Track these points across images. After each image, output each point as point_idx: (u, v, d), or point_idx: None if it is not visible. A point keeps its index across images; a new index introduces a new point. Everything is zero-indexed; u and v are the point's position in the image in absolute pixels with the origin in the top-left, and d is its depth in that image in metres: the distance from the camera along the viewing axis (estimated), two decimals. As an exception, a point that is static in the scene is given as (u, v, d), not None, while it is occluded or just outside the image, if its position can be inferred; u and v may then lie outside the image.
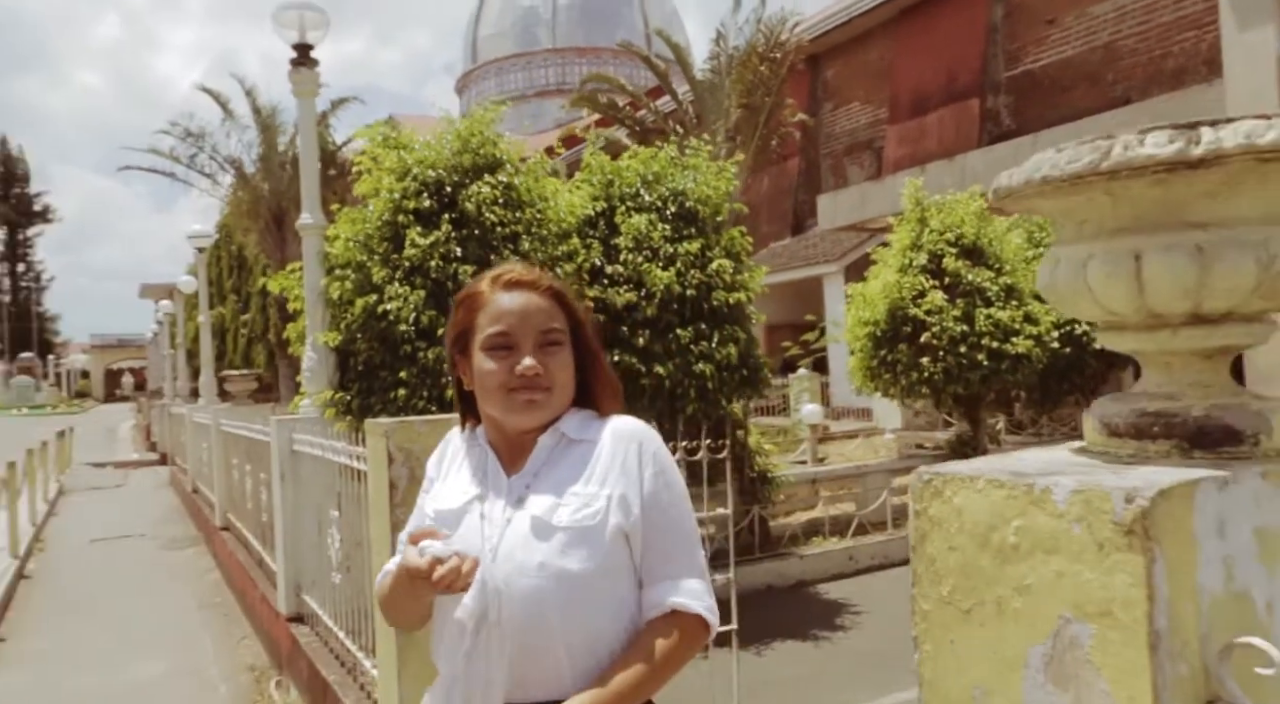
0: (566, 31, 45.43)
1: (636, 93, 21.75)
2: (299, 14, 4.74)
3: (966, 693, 0.86)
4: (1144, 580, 0.71)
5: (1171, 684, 0.72)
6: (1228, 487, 0.76)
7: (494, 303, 1.25)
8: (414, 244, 4.58)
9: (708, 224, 5.64)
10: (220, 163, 22.05)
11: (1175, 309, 0.85)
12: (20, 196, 69.20)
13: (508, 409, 1.22)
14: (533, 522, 1.19)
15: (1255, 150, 0.76)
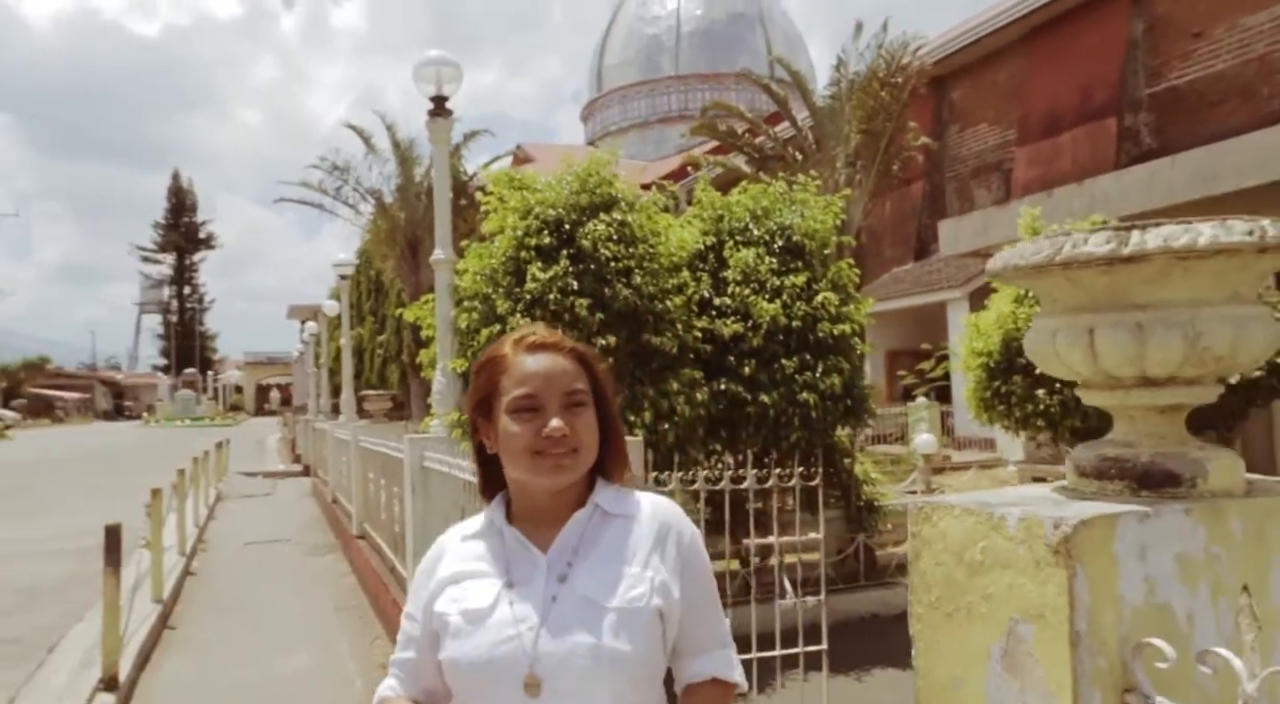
0: (689, 58, 46.03)
1: (755, 120, 21.95)
2: (436, 69, 5.24)
3: (948, 681, 1.07)
4: (1066, 590, 0.90)
5: (1091, 674, 0.91)
6: (1148, 520, 0.95)
7: (518, 365, 1.25)
8: (534, 278, 4.97)
9: (814, 257, 5.81)
10: (362, 194, 23.59)
11: (1125, 373, 1.04)
12: (188, 225, 75.53)
13: (535, 471, 1.21)
14: (584, 601, 1.19)
15: (1172, 251, 0.94)
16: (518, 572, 1.24)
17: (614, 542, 1.24)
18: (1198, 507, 0.98)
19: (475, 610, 1.21)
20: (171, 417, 51.75)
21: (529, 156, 41.17)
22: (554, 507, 1.26)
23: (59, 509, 12.75)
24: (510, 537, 1.26)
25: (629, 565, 1.22)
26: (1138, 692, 0.91)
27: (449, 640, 1.21)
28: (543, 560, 1.23)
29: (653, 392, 4.96)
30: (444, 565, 1.30)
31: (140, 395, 68.66)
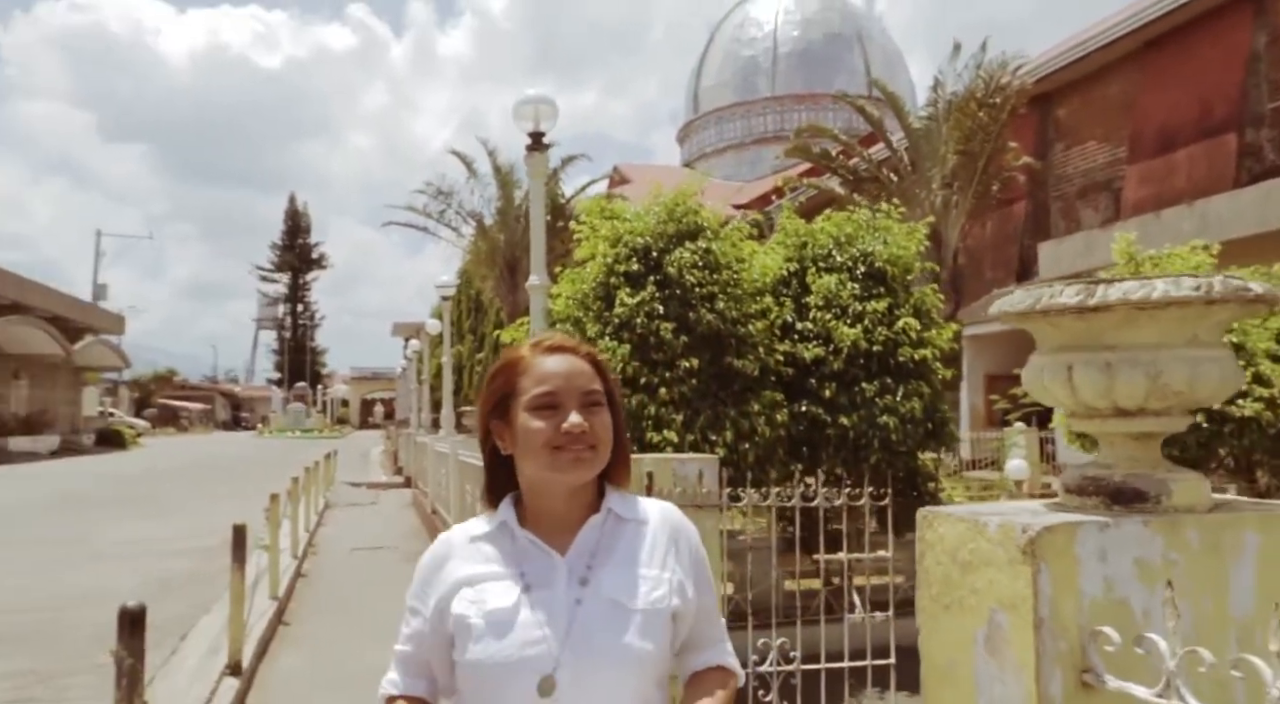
0: (786, 79, 45.97)
1: (849, 142, 21.87)
2: (534, 107, 5.61)
3: (945, 663, 1.26)
4: (1032, 584, 1.09)
5: (1053, 655, 1.09)
6: (1109, 528, 1.12)
7: (537, 366, 1.29)
8: (622, 303, 5.26)
9: (897, 282, 5.92)
10: (464, 216, 24.49)
11: (1099, 405, 1.21)
12: (302, 247, 79.55)
13: (555, 466, 1.24)
14: (609, 603, 1.22)
15: (1130, 303, 1.12)
16: (534, 574, 1.25)
17: (630, 545, 1.27)
18: (1156, 519, 1.15)
19: (498, 612, 1.22)
20: (283, 428, 54.39)
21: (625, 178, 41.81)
22: (566, 510, 1.28)
23: (184, 511, 13.72)
24: (524, 539, 1.28)
25: (647, 567, 1.26)
26: (1092, 671, 1.08)
27: (472, 643, 1.21)
28: (562, 563, 1.25)
29: (734, 412, 5.16)
30: (454, 565, 1.30)
31: (255, 407, 72.40)
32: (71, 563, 9.10)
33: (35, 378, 32.79)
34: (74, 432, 35.00)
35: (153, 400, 59.88)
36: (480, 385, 2.37)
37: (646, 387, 5.09)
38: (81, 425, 36.73)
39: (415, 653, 1.33)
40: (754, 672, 3.46)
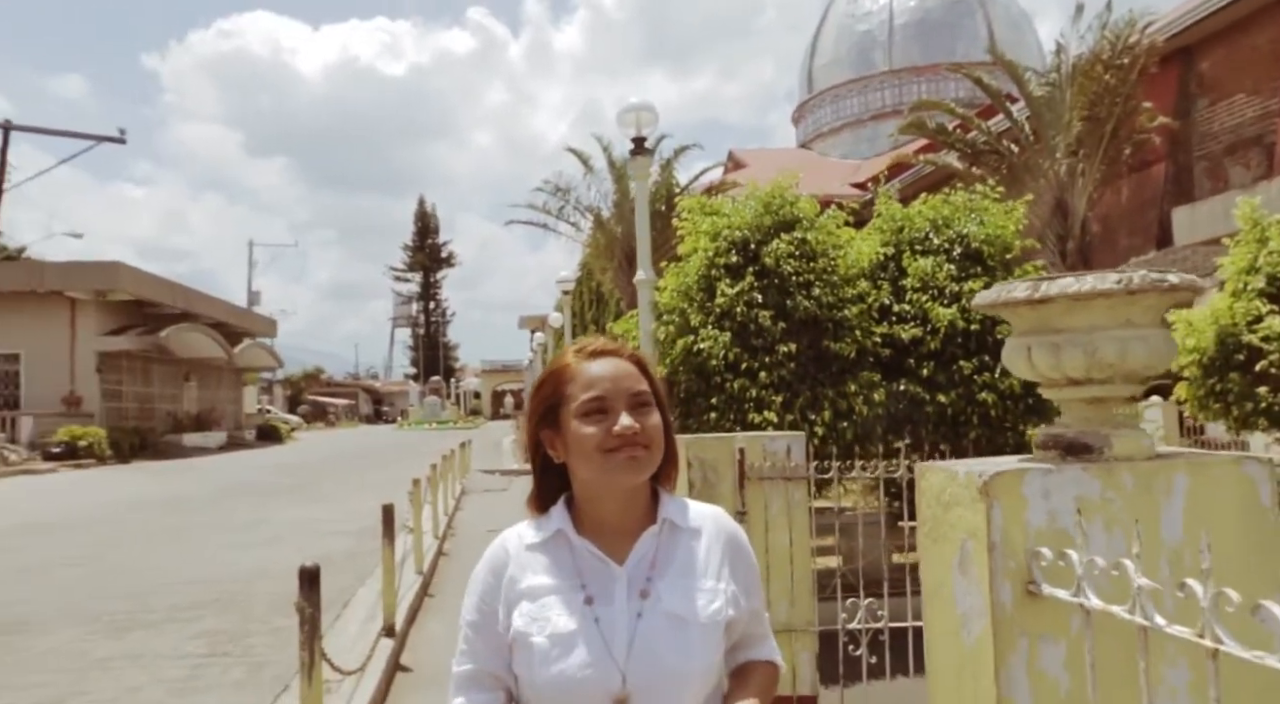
0: (903, 51, 44.69)
1: (965, 115, 21.33)
2: (636, 113, 6.02)
3: (935, 585, 1.58)
4: (986, 517, 1.41)
5: (1003, 571, 1.40)
6: (1051, 473, 1.42)
7: (584, 372, 1.30)
8: (723, 294, 5.61)
9: (995, 262, 6.02)
10: (581, 211, 25.25)
11: (1054, 376, 1.51)
12: (432, 246, 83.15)
13: (609, 469, 1.25)
14: (670, 618, 1.23)
15: (1067, 295, 1.42)
16: (594, 585, 1.25)
17: (688, 556, 1.29)
18: (1094, 466, 1.44)
19: (562, 635, 1.22)
20: (420, 420, 57.24)
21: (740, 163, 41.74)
22: (621, 516, 1.30)
23: (338, 497, 14.95)
24: (581, 548, 1.28)
25: (705, 579, 1.27)
26: (1034, 582, 1.39)
27: (536, 664, 1.22)
28: (621, 573, 1.26)
29: (832, 393, 5.43)
30: (513, 574, 1.30)
31: (395, 401, 76.39)
32: (247, 543, 10.21)
33: (203, 379, 35.90)
34: (237, 428, 38.11)
35: (303, 397, 64.15)
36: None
37: (747, 371, 5.44)
38: (244, 422, 39.92)
39: (481, 670, 1.31)
40: (844, 628, 3.77)
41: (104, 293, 27.56)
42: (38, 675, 5.24)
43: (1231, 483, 1.48)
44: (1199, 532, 1.46)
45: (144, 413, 30.35)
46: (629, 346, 1.38)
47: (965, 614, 1.49)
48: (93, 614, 6.75)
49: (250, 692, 4.91)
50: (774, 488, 3.68)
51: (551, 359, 1.42)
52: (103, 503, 14.93)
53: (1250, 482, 1.48)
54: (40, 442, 24.10)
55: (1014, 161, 20.06)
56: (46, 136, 29.28)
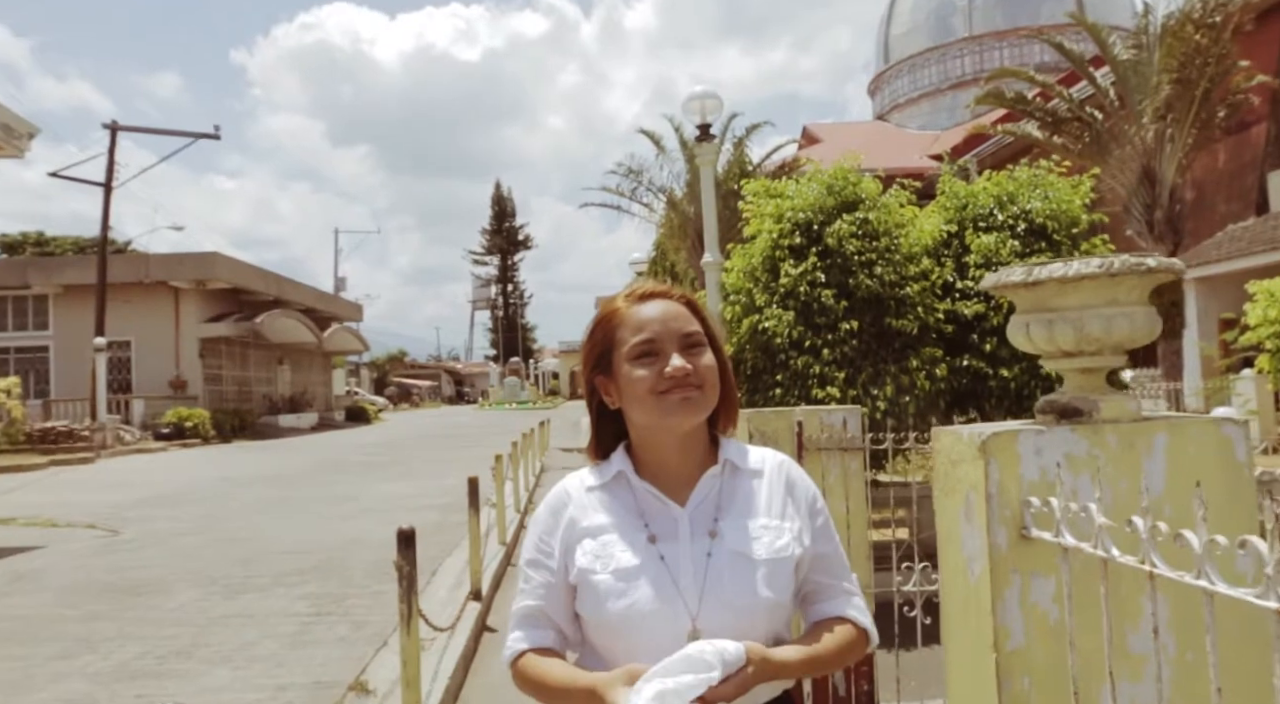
0: (984, 16, 43.27)
1: (1046, 82, 20.74)
2: (701, 102, 6.24)
3: (947, 535, 1.82)
4: (984, 471, 1.63)
5: (999, 518, 1.63)
6: (1043, 434, 1.63)
7: (633, 315, 1.29)
8: (787, 274, 5.81)
9: (1061, 237, 6.05)
10: (654, 192, 25.46)
11: (1050, 350, 1.71)
12: (509, 230, 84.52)
13: (663, 411, 1.24)
14: (737, 556, 1.24)
15: (1055, 279, 1.62)
16: (657, 525, 1.26)
17: (749, 496, 1.30)
18: (1082, 427, 1.65)
19: (627, 569, 1.22)
20: (501, 401, 58.57)
21: (815, 138, 41.22)
22: (680, 460, 1.30)
23: (425, 474, 15.65)
24: (641, 489, 1.29)
25: (768, 517, 1.28)
26: (1026, 527, 1.61)
27: (604, 599, 1.22)
28: (683, 514, 1.27)
29: (894, 368, 5.59)
30: (573, 514, 1.31)
31: (475, 382, 78.20)
32: (342, 516, 10.87)
33: (295, 363, 37.53)
34: (328, 409, 39.74)
35: (389, 379, 66.27)
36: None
37: (810, 348, 5.63)
38: (333, 403, 41.59)
39: (539, 607, 1.31)
40: (899, 590, 3.99)
41: (203, 282, 29.08)
42: (169, 629, 5.83)
43: (1210, 442, 1.67)
44: (1178, 484, 1.67)
45: (242, 395, 31.97)
46: (679, 288, 1.35)
47: (970, 556, 1.72)
48: (210, 577, 7.39)
49: (353, 646, 5.39)
50: (831, 458, 3.90)
51: (602, 304, 1.38)
52: (210, 479, 15.96)
53: (1228, 440, 1.67)
54: (151, 423, 25.69)
55: (1098, 129, 19.44)
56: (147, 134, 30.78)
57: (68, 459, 19.64)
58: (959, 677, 1.84)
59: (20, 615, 6.34)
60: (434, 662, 4.85)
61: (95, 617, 6.22)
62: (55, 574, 7.77)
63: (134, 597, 6.79)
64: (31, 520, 11.02)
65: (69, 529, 10.40)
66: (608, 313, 1.34)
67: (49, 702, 4.49)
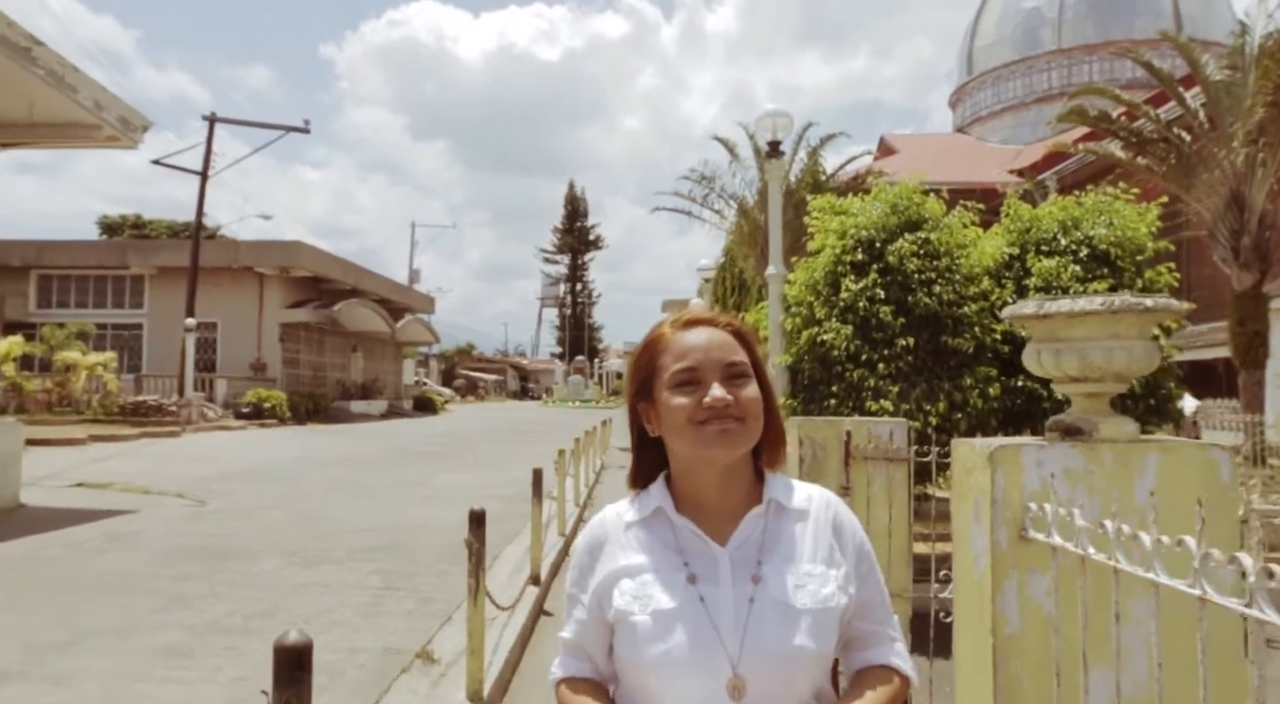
0: (1074, 28, 42.19)
1: (1131, 101, 20.34)
2: (772, 119, 6.48)
3: (959, 532, 2.05)
4: (990, 479, 1.87)
5: (1002, 519, 1.86)
6: (1044, 449, 1.86)
7: (676, 342, 1.26)
8: (847, 289, 6.01)
9: (1125, 264, 6.12)
10: (725, 199, 25.66)
11: (1058, 375, 1.94)
12: (581, 230, 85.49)
13: (701, 442, 1.21)
14: (781, 604, 1.19)
15: (1063, 313, 1.85)
16: (697, 565, 1.22)
17: (795, 539, 1.24)
18: (1081, 444, 1.87)
19: (665, 611, 1.18)
20: (564, 398, 59.35)
21: (892, 149, 40.75)
22: (721, 495, 1.26)
23: (489, 465, 16.15)
24: (681, 526, 1.25)
25: (814, 563, 1.22)
26: (1025, 528, 1.85)
27: (641, 643, 1.19)
28: (723, 555, 1.22)
29: (948, 385, 5.75)
30: (611, 552, 1.28)
31: (540, 379, 79.31)
32: (410, 501, 11.37)
33: (369, 351, 38.73)
34: (397, 397, 40.90)
35: (457, 372, 67.70)
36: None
37: (866, 362, 5.83)
38: (402, 392, 42.76)
39: (578, 641, 1.30)
40: (936, 596, 4.19)
41: (287, 269, 30.29)
42: (253, 592, 6.31)
43: (1197, 463, 1.88)
44: (1167, 498, 1.88)
45: (316, 380, 33.17)
46: (728, 317, 1.33)
47: (977, 553, 1.96)
48: (290, 549, 7.90)
49: (419, 620, 5.77)
50: (876, 467, 4.12)
51: (649, 330, 1.35)
52: (287, 458, 16.74)
53: (1213, 463, 1.88)
54: (232, 401, 26.89)
55: (1185, 151, 19.01)
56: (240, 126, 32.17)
57: (156, 432, 20.75)
58: (964, 659, 2.09)
59: (120, 572, 6.91)
60: (495, 636, 5.20)
61: (187, 577, 6.76)
62: (150, 537, 8.39)
63: (221, 561, 7.33)
64: (126, 487, 11.80)
65: (160, 497, 11.12)
66: (652, 338, 1.31)
67: (151, 647, 4.97)
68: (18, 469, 10.05)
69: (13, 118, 9.97)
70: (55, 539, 8.22)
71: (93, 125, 10.36)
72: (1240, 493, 1.86)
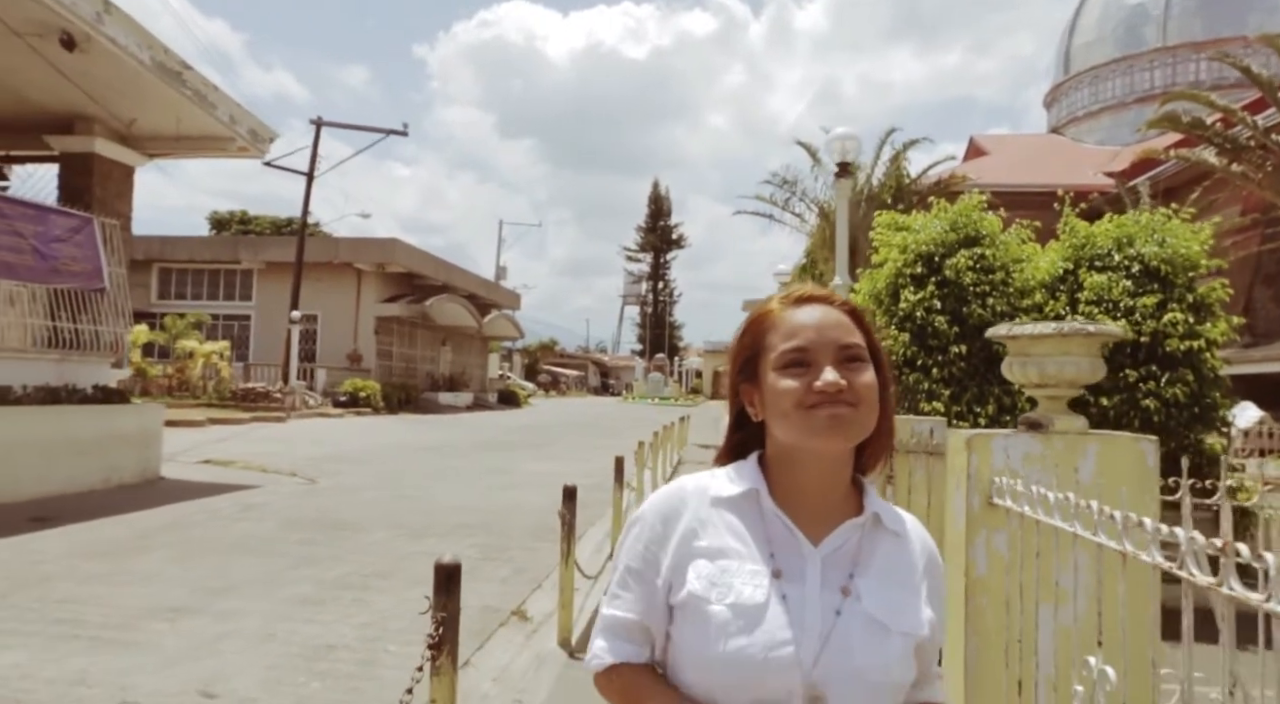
0: (1180, 25, 40.78)
1: (1227, 107, 19.98)
2: (841, 142, 7.04)
3: (947, 499, 2.66)
4: (966, 458, 2.47)
5: (975, 489, 2.46)
6: (1010, 438, 2.45)
7: (787, 319, 1.17)
8: (906, 300, 6.53)
9: (1175, 279, 6.46)
10: (807, 203, 26.03)
11: (1026, 382, 2.53)
12: (663, 229, 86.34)
13: (807, 429, 1.10)
14: (872, 622, 1.10)
15: (1026, 335, 2.44)
16: (784, 560, 1.13)
17: (891, 560, 1.17)
18: (1039, 435, 2.46)
19: (748, 607, 1.09)
20: (643, 395, 60.24)
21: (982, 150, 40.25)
22: (819, 491, 1.16)
23: (571, 456, 17.01)
24: (773, 514, 1.16)
25: (907, 590, 1.15)
26: (992, 496, 2.45)
27: (716, 636, 1.09)
28: (815, 555, 1.13)
29: (998, 390, 6.22)
30: (689, 526, 1.17)
31: (620, 375, 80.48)
32: (499, 486, 12.27)
33: (456, 345, 40.31)
34: (482, 390, 42.40)
35: (539, 366, 69.34)
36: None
37: (921, 367, 6.35)
38: (487, 386, 44.29)
39: (634, 621, 1.18)
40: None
41: (383, 265, 31.90)
42: (369, 556, 7.21)
43: (1129, 453, 2.45)
44: (1102, 477, 2.47)
45: (408, 371, 34.78)
46: (841, 297, 1.22)
47: (956, 514, 2.57)
48: (396, 523, 8.83)
49: (513, 586, 6.56)
50: (917, 460, 4.68)
51: (755, 306, 1.28)
52: (384, 444, 17.94)
53: (1141, 452, 2.45)
54: (330, 390, 28.55)
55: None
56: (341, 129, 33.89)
57: (265, 416, 22.34)
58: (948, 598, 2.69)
59: (255, 536, 7.92)
60: (580, 600, 5.93)
61: (311, 542, 7.71)
62: (274, 509, 9.45)
63: (338, 531, 8.28)
64: (247, 465, 13.04)
65: (276, 475, 12.28)
66: (760, 314, 1.22)
67: (291, 597, 5.87)
68: (159, 446, 11.30)
69: (163, 132, 11.23)
70: (197, 507, 9.35)
71: (228, 138, 11.55)
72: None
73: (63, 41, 8.85)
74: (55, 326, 10.09)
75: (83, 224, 10.31)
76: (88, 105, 10.53)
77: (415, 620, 5.41)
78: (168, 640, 4.80)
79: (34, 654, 4.48)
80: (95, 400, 10.39)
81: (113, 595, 5.70)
